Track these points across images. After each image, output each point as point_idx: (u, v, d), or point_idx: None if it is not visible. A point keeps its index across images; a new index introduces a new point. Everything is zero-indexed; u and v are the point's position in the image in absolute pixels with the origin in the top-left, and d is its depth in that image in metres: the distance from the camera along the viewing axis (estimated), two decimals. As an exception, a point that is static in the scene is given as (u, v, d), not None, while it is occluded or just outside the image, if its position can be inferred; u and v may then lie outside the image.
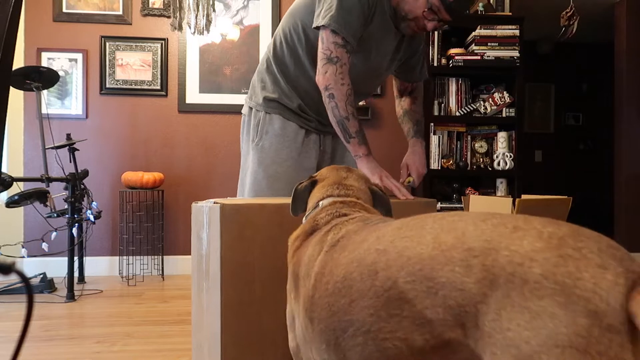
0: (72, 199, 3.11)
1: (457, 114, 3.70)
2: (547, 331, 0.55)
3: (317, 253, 0.89)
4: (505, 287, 0.59)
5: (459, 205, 3.54)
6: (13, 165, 3.69)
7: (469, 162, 3.70)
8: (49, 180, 3.04)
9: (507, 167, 3.63)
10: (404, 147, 1.82)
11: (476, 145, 3.74)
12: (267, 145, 1.69)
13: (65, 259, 3.12)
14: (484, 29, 3.59)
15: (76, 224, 3.13)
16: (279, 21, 3.16)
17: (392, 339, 0.69)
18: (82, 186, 3.21)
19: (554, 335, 0.54)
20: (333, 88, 1.46)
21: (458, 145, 3.72)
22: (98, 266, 3.75)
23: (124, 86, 3.80)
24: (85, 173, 3.25)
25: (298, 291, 0.91)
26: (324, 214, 0.99)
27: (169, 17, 3.77)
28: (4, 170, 3.43)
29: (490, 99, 3.67)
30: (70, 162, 3.32)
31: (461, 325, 0.63)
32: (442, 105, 3.70)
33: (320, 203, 1.04)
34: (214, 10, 3.08)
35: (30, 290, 0.53)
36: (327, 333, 0.79)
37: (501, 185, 3.69)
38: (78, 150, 3.40)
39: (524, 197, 2.42)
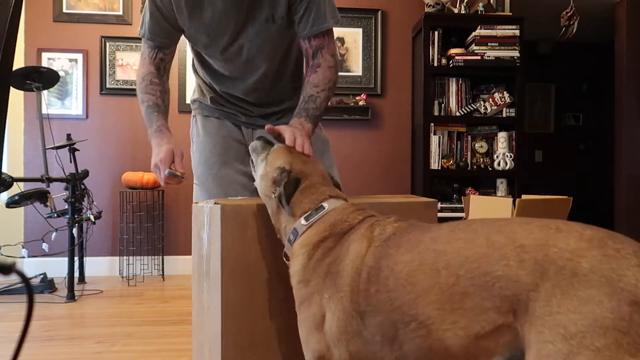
0: (73, 199, 3.11)
1: (458, 114, 3.70)
2: (594, 315, 0.65)
3: (365, 248, 0.94)
4: (556, 278, 0.70)
5: (459, 206, 3.54)
6: (13, 166, 3.69)
7: (469, 162, 3.70)
8: (49, 180, 3.04)
9: (507, 167, 3.63)
10: (404, 148, 1.79)
11: (476, 145, 3.74)
12: (195, 149, 1.64)
13: (66, 259, 3.12)
14: (484, 29, 3.59)
15: (76, 224, 3.13)
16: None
17: (454, 328, 0.79)
18: (83, 186, 3.22)
19: (600, 319, 0.65)
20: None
21: (458, 146, 3.72)
22: (98, 266, 3.75)
23: (124, 86, 3.80)
24: (86, 173, 3.25)
25: (338, 287, 0.94)
26: (352, 214, 1.02)
27: (169, 17, 3.77)
28: (4, 170, 3.43)
29: (490, 99, 3.67)
30: (71, 162, 3.32)
31: (513, 312, 0.73)
32: (442, 105, 3.70)
33: (325, 204, 1.05)
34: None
35: (31, 290, 0.53)
36: (386, 326, 0.86)
37: (501, 185, 3.69)
38: (78, 150, 3.40)
39: (524, 197, 2.42)
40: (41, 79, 3.20)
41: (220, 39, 1.46)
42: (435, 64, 3.66)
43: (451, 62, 3.61)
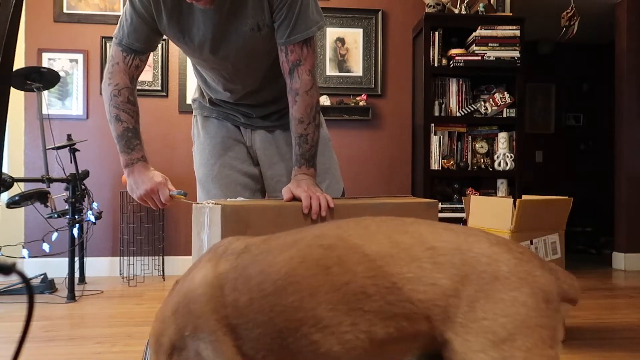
0: (73, 200, 3.11)
1: (458, 114, 3.70)
2: (521, 316, 0.67)
3: (213, 267, 0.83)
4: (477, 283, 0.69)
5: (459, 206, 3.54)
6: (14, 166, 3.69)
7: (469, 162, 3.70)
8: (50, 180, 3.04)
9: (507, 168, 3.63)
10: (404, 148, 1.78)
11: (477, 145, 3.74)
12: (196, 150, 1.63)
13: (66, 259, 3.12)
14: (485, 29, 3.59)
15: (77, 225, 3.13)
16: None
17: (355, 331, 0.72)
18: (83, 187, 3.22)
19: (527, 319, 0.67)
20: (103, 89, 1.41)
21: (459, 146, 3.72)
22: (99, 267, 3.75)
23: (125, 87, 3.80)
24: (86, 173, 3.25)
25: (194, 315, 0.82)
26: None
27: (169, 17, 3.77)
28: (4, 170, 3.43)
29: (490, 100, 3.67)
30: (71, 162, 3.33)
31: (427, 318, 0.70)
32: (443, 105, 3.70)
33: None
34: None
35: (31, 290, 0.53)
36: (269, 337, 0.75)
37: (502, 185, 3.69)
38: (79, 150, 3.40)
39: (524, 197, 2.42)
40: (41, 79, 3.20)
41: (201, 49, 1.42)
42: (436, 65, 3.66)
43: (451, 62, 3.61)
